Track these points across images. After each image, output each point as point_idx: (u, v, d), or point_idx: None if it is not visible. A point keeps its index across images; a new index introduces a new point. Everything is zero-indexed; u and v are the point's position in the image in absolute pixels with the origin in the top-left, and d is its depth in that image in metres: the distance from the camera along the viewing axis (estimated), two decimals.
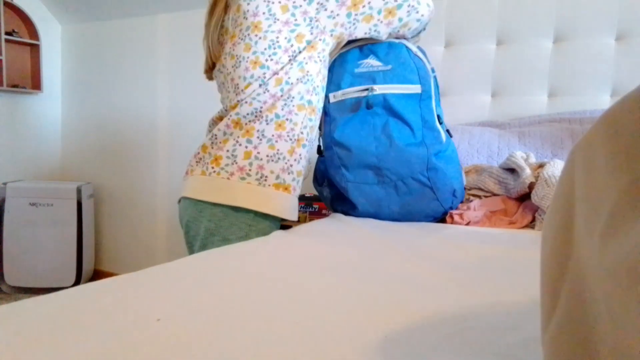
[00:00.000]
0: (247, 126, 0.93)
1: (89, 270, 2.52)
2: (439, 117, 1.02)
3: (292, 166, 0.95)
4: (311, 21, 0.91)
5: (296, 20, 0.91)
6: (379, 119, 0.98)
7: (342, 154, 1.01)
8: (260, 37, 0.92)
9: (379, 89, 0.97)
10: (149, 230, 2.53)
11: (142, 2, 2.35)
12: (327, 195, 1.17)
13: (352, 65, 1.02)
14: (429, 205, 1.02)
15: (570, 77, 1.47)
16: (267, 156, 0.92)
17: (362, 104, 0.99)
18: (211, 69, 1.08)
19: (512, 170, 1.12)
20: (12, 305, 0.45)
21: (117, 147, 2.59)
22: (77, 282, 2.41)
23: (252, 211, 0.92)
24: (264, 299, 0.49)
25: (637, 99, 0.20)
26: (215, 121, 1.04)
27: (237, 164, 0.92)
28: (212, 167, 0.93)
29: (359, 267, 0.63)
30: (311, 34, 0.92)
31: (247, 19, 0.93)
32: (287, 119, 0.94)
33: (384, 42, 1.02)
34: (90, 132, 2.68)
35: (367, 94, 0.98)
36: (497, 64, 1.57)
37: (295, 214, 0.99)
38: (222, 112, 0.99)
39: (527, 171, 1.03)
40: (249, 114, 0.93)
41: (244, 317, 0.43)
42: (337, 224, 0.99)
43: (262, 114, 0.93)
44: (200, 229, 0.94)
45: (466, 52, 1.61)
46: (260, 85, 0.93)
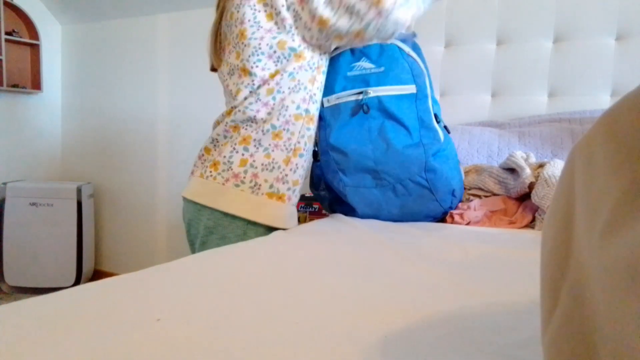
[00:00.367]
0: (244, 132, 0.93)
1: (89, 270, 2.52)
2: (436, 115, 1.00)
3: (287, 176, 0.95)
4: (291, 28, 0.91)
5: (278, 28, 0.91)
6: (374, 121, 0.97)
7: (339, 159, 1.01)
8: (245, 45, 0.93)
9: (373, 92, 0.97)
10: (149, 230, 2.53)
11: (142, 2, 2.35)
12: (325, 199, 1.17)
13: (344, 68, 1.01)
14: (428, 206, 1.01)
15: (570, 77, 1.47)
16: (262, 164, 0.93)
17: (357, 108, 0.98)
18: (215, 70, 1.08)
19: (512, 170, 1.12)
20: (12, 305, 0.45)
21: (117, 147, 2.59)
22: (77, 282, 2.41)
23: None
24: (264, 298, 0.49)
25: (637, 99, 0.20)
26: (218, 123, 1.05)
27: (232, 170, 0.92)
28: (209, 171, 0.95)
29: (359, 266, 0.63)
30: (293, 40, 0.92)
31: (236, 27, 0.94)
32: (284, 129, 0.94)
33: (376, 44, 1.00)
34: (90, 132, 2.68)
35: (361, 97, 0.97)
36: (497, 64, 1.57)
37: (291, 222, 0.98)
38: (223, 115, 1.00)
39: (527, 171, 1.03)
40: (243, 121, 0.94)
41: (244, 317, 0.43)
42: (337, 224, 0.99)
43: (258, 124, 0.93)
44: (200, 227, 0.96)
45: (466, 52, 1.61)
46: (250, 92, 0.93)
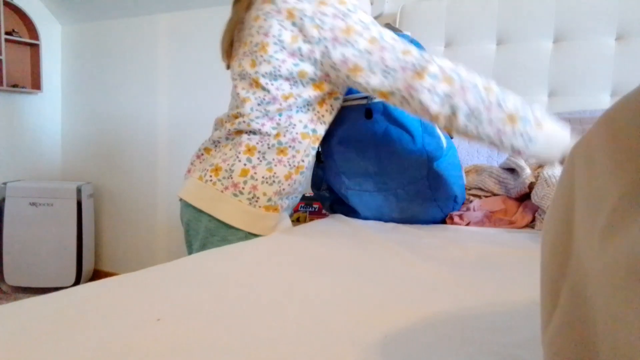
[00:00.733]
0: (249, 142, 0.92)
1: (89, 270, 2.52)
2: None
3: (284, 189, 0.95)
4: (316, 62, 0.87)
5: (302, 55, 0.87)
6: (378, 126, 0.96)
7: (342, 162, 1.01)
8: (264, 60, 0.89)
9: None
10: (149, 230, 2.53)
11: (142, 2, 2.35)
12: (326, 199, 1.17)
13: None
14: (429, 211, 1.01)
15: (570, 77, 1.47)
16: (263, 177, 0.92)
17: (362, 112, 0.98)
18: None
19: (512, 170, 1.12)
20: (12, 305, 0.45)
21: (117, 147, 2.59)
22: (77, 282, 2.41)
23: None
24: (264, 298, 0.49)
25: (637, 99, 0.20)
26: (222, 123, 1.03)
27: (232, 179, 0.91)
28: (210, 175, 0.93)
29: (359, 267, 0.63)
30: (315, 74, 0.89)
31: (259, 35, 0.90)
32: (290, 146, 0.93)
33: None
34: (90, 132, 2.68)
35: (366, 101, 0.97)
36: (497, 64, 1.57)
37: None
38: (229, 117, 0.98)
39: (527, 171, 1.03)
40: (248, 132, 0.93)
41: (244, 317, 0.43)
42: (337, 224, 0.99)
43: (263, 136, 0.92)
44: (200, 228, 0.94)
45: (466, 52, 1.61)
46: (259, 104, 0.91)
